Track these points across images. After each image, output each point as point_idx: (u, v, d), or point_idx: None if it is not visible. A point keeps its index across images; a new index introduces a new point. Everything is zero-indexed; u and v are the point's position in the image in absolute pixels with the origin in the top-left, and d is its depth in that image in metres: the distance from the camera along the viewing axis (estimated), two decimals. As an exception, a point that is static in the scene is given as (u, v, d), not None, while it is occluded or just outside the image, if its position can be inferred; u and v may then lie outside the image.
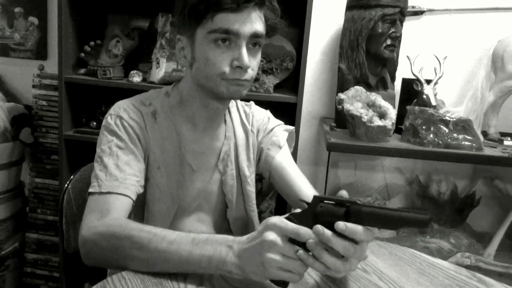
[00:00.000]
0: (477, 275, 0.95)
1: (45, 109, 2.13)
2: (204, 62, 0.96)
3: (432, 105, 1.76)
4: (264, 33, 0.97)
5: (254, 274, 0.74)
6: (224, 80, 0.95)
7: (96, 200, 0.92)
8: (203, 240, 0.78)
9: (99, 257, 0.86)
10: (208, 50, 0.94)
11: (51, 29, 2.21)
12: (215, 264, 0.76)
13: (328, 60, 2.12)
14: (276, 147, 1.16)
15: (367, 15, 1.77)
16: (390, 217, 0.68)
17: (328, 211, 0.73)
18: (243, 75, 0.95)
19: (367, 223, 0.70)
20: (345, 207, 0.71)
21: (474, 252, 1.88)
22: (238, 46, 0.93)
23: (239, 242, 0.76)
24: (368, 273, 0.90)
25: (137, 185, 0.97)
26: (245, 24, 0.92)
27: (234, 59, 0.94)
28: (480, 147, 1.68)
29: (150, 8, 2.02)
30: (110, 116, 1.02)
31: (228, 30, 0.91)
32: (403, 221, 0.68)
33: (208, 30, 0.93)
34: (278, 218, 0.73)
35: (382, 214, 0.69)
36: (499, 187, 2.07)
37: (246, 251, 0.74)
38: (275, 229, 0.72)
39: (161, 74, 1.88)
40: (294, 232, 0.71)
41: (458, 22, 2.04)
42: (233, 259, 0.75)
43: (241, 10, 0.91)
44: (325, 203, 0.74)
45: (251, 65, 0.96)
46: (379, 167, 2.19)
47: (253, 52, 0.97)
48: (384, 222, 0.71)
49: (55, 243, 2.22)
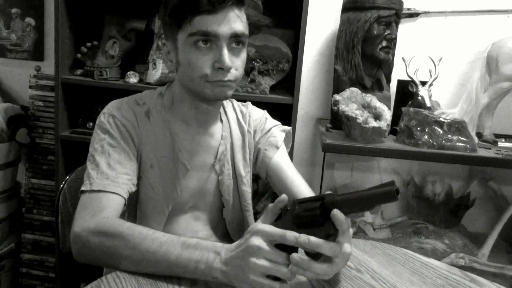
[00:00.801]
0: (470, 275, 0.96)
1: (41, 110, 2.13)
2: (187, 66, 0.96)
3: (427, 106, 1.77)
4: (245, 32, 0.97)
5: (238, 280, 0.74)
6: (208, 82, 0.96)
7: (88, 198, 0.92)
8: (193, 245, 0.79)
9: (90, 255, 0.87)
10: (189, 53, 0.95)
11: (48, 30, 2.22)
12: (202, 269, 0.77)
13: (324, 61, 2.13)
14: (274, 147, 1.16)
15: (362, 17, 1.78)
16: (360, 198, 0.70)
17: (305, 208, 0.74)
18: (225, 76, 0.96)
19: (343, 210, 0.71)
20: (320, 200, 0.73)
21: (469, 253, 1.90)
22: (218, 47, 0.94)
23: (227, 249, 0.77)
24: (361, 273, 0.91)
25: (129, 184, 0.97)
26: (223, 25, 0.92)
27: (216, 60, 0.94)
28: (474, 148, 1.69)
29: (146, 10, 2.02)
30: (103, 114, 1.03)
31: (206, 32, 0.92)
32: (372, 198, 0.69)
33: (188, 34, 0.93)
34: (263, 224, 0.74)
35: (352, 198, 0.71)
36: (493, 188, 2.08)
37: (232, 258, 0.75)
38: (261, 234, 0.73)
39: (158, 75, 1.89)
40: (280, 236, 0.71)
41: (453, 24, 2.06)
42: (220, 265, 0.76)
43: (218, 11, 0.91)
44: (302, 204, 0.75)
45: (234, 65, 0.96)
46: (375, 168, 2.21)
47: (236, 52, 0.97)
48: (357, 205, 0.72)
49: (51, 243, 2.22)
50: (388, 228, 2.02)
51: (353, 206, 0.72)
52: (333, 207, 0.71)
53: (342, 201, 0.71)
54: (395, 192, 0.65)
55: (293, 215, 0.75)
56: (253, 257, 0.72)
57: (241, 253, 0.73)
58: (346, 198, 0.71)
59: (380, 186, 0.68)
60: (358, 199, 0.70)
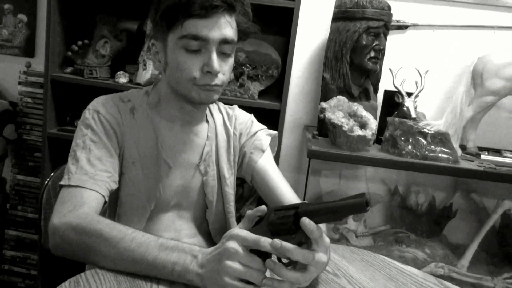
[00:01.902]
0: (444, 282, 0.97)
1: (30, 106, 2.13)
2: (176, 68, 0.98)
3: (412, 117, 1.80)
4: (234, 38, 0.99)
5: (212, 283, 0.74)
6: (195, 86, 0.98)
7: (67, 192, 0.93)
8: (171, 247, 0.80)
9: (67, 249, 0.87)
10: (179, 55, 0.96)
11: (39, 27, 2.22)
12: (178, 272, 0.77)
13: (313, 69, 2.15)
14: (259, 151, 1.17)
15: (352, 27, 1.81)
16: (331, 209, 0.72)
17: (279, 216, 0.76)
18: (213, 80, 0.98)
19: (316, 220, 0.73)
20: (295, 209, 0.75)
21: (449, 263, 1.92)
22: (208, 52, 0.96)
23: (204, 252, 0.78)
24: (338, 277, 0.92)
25: (109, 181, 0.98)
26: (214, 30, 0.94)
27: (204, 64, 0.96)
28: (456, 160, 1.72)
29: (139, 11, 2.04)
30: (88, 110, 1.04)
31: (197, 36, 0.94)
32: (343, 209, 0.71)
33: (179, 36, 0.95)
34: (240, 229, 0.76)
35: (324, 208, 0.73)
36: (475, 200, 2.12)
37: (208, 261, 0.76)
38: (237, 238, 0.74)
39: (148, 76, 1.90)
40: (255, 241, 0.73)
41: (440, 38, 2.10)
42: (196, 268, 0.76)
43: (210, 16, 0.93)
44: (277, 211, 0.77)
45: (222, 69, 0.98)
46: (362, 176, 2.23)
47: (225, 57, 0.99)
48: (329, 215, 0.74)
49: (34, 240, 2.21)
50: (370, 236, 2.04)
51: (325, 216, 0.74)
52: (306, 215, 0.73)
53: (315, 210, 0.73)
54: (365, 204, 0.67)
55: (268, 223, 0.77)
56: (228, 260, 0.73)
57: (217, 256, 0.75)
58: (318, 208, 0.73)
59: (351, 197, 0.71)
60: (330, 209, 0.73)
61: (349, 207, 0.70)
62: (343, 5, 1.84)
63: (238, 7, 0.98)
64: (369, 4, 1.78)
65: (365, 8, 1.79)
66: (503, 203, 1.95)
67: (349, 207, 0.70)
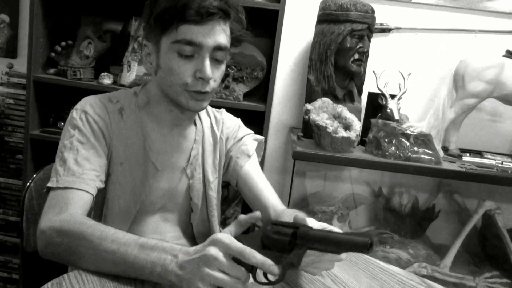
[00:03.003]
0: (427, 281, 0.99)
1: (12, 108, 2.10)
2: (168, 71, 0.98)
3: (395, 119, 1.82)
4: (228, 45, 0.99)
5: (189, 286, 0.73)
6: (186, 91, 0.98)
7: (55, 195, 0.92)
8: (151, 246, 0.78)
9: (53, 253, 0.86)
10: (172, 60, 0.96)
11: (22, 27, 2.19)
12: (158, 272, 0.76)
13: (298, 71, 2.17)
14: (245, 156, 1.18)
15: (336, 30, 1.82)
16: (333, 240, 0.69)
17: (276, 230, 0.73)
18: (205, 87, 0.98)
19: (312, 245, 0.71)
20: (294, 229, 0.72)
21: (431, 263, 1.95)
22: (201, 58, 0.96)
23: (184, 252, 0.76)
24: (323, 277, 0.93)
25: (97, 180, 0.97)
26: (209, 36, 0.94)
27: (197, 70, 0.96)
28: (438, 161, 1.75)
29: (123, 12, 2.03)
30: (75, 110, 1.03)
31: (191, 41, 0.94)
32: (345, 244, 0.68)
33: (172, 40, 0.95)
34: (225, 235, 0.73)
35: (325, 237, 0.70)
36: (457, 201, 2.15)
37: (188, 263, 0.74)
38: (219, 244, 0.72)
39: (132, 77, 1.89)
40: (239, 251, 0.70)
41: (423, 41, 2.13)
42: (175, 269, 0.74)
43: (205, 23, 0.93)
44: (274, 226, 0.74)
45: (214, 76, 0.99)
46: (347, 178, 2.25)
47: (217, 64, 0.99)
48: (328, 245, 0.71)
49: (16, 244, 2.17)
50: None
51: (323, 245, 0.70)
52: (303, 239, 0.71)
53: (315, 237, 0.70)
54: (369, 246, 0.65)
55: (262, 234, 0.75)
56: (207, 266, 0.71)
57: (197, 260, 0.72)
58: (320, 236, 0.70)
59: (356, 234, 0.69)
60: (331, 240, 0.69)
61: (351, 244, 0.67)
62: (328, 8, 1.85)
63: (233, 14, 0.98)
64: (353, 7, 1.80)
65: (349, 11, 1.81)
66: (484, 204, 1.98)
67: (352, 244, 0.67)
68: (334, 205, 2.03)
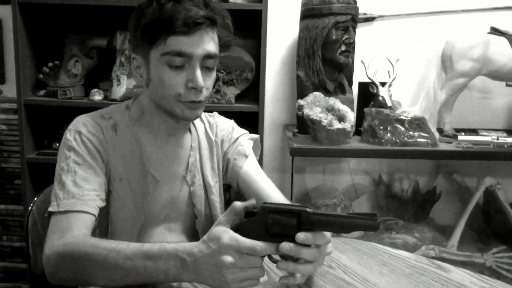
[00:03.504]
0: (436, 262, 1.00)
1: (5, 133, 2.10)
2: (160, 83, 0.98)
3: (388, 106, 1.84)
4: (217, 52, 1.00)
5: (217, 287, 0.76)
6: (179, 102, 0.98)
7: (56, 219, 0.92)
8: (156, 254, 0.79)
9: (62, 277, 0.86)
10: (162, 71, 0.96)
11: (7, 52, 2.18)
12: (173, 277, 0.78)
13: (287, 68, 2.17)
14: (242, 156, 1.18)
15: (320, 24, 1.83)
16: (340, 223, 0.73)
17: (279, 222, 0.75)
18: (198, 96, 0.98)
19: (319, 229, 0.74)
20: (296, 217, 0.74)
21: (438, 244, 1.96)
22: (192, 68, 0.96)
23: (189, 253, 0.76)
24: (333, 268, 0.94)
25: (97, 199, 0.97)
26: (197, 46, 0.95)
27: (189, 80, 0.96)
28: (435, 143, 1.76)
29: (107, 27, 2.03)
30: (69, 131, 1.03)
31: (180, 52, 0.94)
32: (353, 226, 0.73)
33: (162, 52, 0.95)
34: (228, 237, 0.74)
35: (332, 221, 0.73)
36: (457, 181, 2.17)
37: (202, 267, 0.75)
38: (231, 249, 0.73)
39: (123, 91, 1.89)
40: (251, 250, 0.73)
41: (408, 26, 2.14)
42: (190, 272, 0.76)
43: (193, 33, 0.93)
44: (275, 214, 0.76)
45: (206, 84, 0.99)
46: (346, 170, 2.26)
47: (208, 72, 1.00)
48: (335, 228, 0.75)
49: (23, 269, 2.17)
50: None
51: (329, 227, 0.74)
52: (309, 225, 0.73)
53: (319, 221, 0.73)
54: (378, 225, 0.70)
55: (266, 224, 0.75)
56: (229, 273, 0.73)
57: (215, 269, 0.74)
58: (324, 219, 0.73)
59: (362, 215, 0.72)
60: (337, 223, 0.73)
61: (360, 226, 0.72)
62: (310, 3, 1.86)
63: (219, 21, 0.99)
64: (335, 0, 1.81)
65: (331, 4, 1.82)
66: (484, 180, 1.99)
67: (361, 225, 0.72)
68: (336, 197, 2.04)
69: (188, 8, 0.93)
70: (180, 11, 0.92)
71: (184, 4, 0.93)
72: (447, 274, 0.94)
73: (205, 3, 0.96)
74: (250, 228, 0.76)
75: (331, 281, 0.88)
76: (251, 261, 0.74)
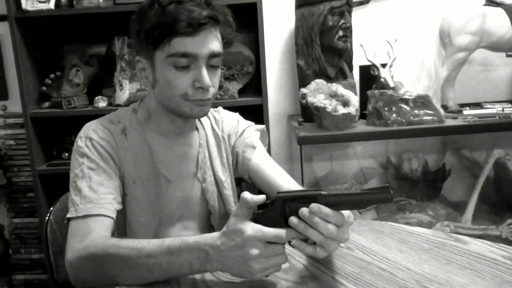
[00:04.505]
0: (453, 235, 1.00)
1: (14, 148, 2.11)
2: (166, 85, 0.98)
3: (390, 87, 1.83)
4: (221, 51, 1.00)
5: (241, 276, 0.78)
6: (187, 101, 0.99)
7: (75, 224, 0.93)
8: (178, 248, 0.80)
9: (87, 279, 0.87)
10: (168, 73, 0.97)
11: (8, 68, 2.20)
12: (197, 269, 0.80)
13: (287, 59, 2.18)
14: (250, 148, 1.18)
15: (316, 11, 1.83)
16: (355, 200, 0.76)
17: (297, 209, 0.76)
18: (205, 95, 0.99)
19: (336, 209, 0.75)
20: (312, 201, 0.75)
21: (453, 220, 1.97)
22: (197, 67, 0.97)
23: (212, 246, 0.77)
24: (351, 250, 0.94)
25: (114, 202, 0.98)
26: (202, 46, 0.95)
27: (195, 80, 0.97)
28: (441, 119, 1.76)
29: (105, 33, 2.04)
30: (80, 138, 1.04)
31: (186, 53, 0.94)
32: (368, 201, 0.76)
33: (167, 54, 0.95)
34: (252, 228, 0.75)
35: (348, 199, 0.76)
36: (466, 156, 2.16)
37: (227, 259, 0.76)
38: (256, 240, 0.74)
39: (126, 96, 1.90)
40: (277, 238, 0.75)
41: (403, 6, 2.13)
42: (214, 263, 0.77)
43: (197, 33, 0.94)
44: (291, 202, 0.77)
45: (212, 82, 0.99)
46: (352, 155, 2.26)
47: (213, 70, 1.00)
48: (351, 206, 0.78)
49: (43, 280, 2.19)
50: (373, 209, 2.07)
51: (346, 206, 0.77)
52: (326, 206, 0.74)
53: (336, 202, 0.75)
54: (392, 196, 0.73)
55: (284, 213, 0.77)
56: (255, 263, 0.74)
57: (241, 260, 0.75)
58: (340, 200, 0.75)
59: (375, 189, 0.74)
60: (352, 201, 0.76)
61: (375, 200, 0.77)
62: (304, -9, 1.86)
63: (222, 19, 0.99)
64: (328, -15, 1.81)
65: (325, -10, 1.81)
66: (492, 153, 1.99)
67: (375, 200, 0.76)
68: (346, 182, 2.04)
69: (190, 8, 0.93)
70: (183, 12, 0.92)
71: (186, 5, 0.93)
72: (465, 246, 0.94)
73: (207, 2, 0.96)
74: (267, 219, 0.77)
75: (351, 262, 0.89)
76: (275, 249, 0.75)
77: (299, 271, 0.86)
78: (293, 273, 0.85)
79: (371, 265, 0.87)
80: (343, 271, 0.85)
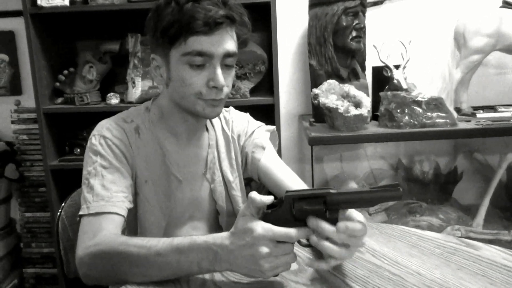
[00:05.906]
0: (465, 240, 0.99)
1: (27, 143, 2.13)
2: (180, 83, 0.98)
3: (403, 88, 1.82)
4: (236, 50, 1.00)
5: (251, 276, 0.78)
6: (200, 100, 0.99)
7: (87, 221, 0.94)
8: (187, 248, 0.80)
9: (97, 276, 0.88)
10: (183, 71, 0.97)
11: (22, 63, 2.22)
12: (206, 268, 0.80)
13: (299, 58, 2.17)
14: (260, 148, 1.18)
15: (329, 11, 1.82)
16: (365, 198, 0.75)
17: (308, 211, 0.76)
18: (219, 95, 0.99)
19: (345, 207, 0.76)
20: (322, 200, 0.75)
21: (464, 224, 1.95)
22: (212, 67, 0.97)
23: (221, 246, 0.78)
24: (362, 253, 0.94)
25: (126, 201, 0.98)
26: (218, 45, 0.95)
27: (210, 79, 0.97)
28: (454, 122, 1.74)
29: (118, 30, 2.05)
30: (94, 136, 1.04)
31: (201, 52, 0.95)
32: (377, 199, 0.76)
33: (182, 53, 0.96)
34: (262, 227, 0.75)
35: (357, 197, 0.76)
36: (478, 159, 2.14)
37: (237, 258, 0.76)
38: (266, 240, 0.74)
39: (138, 93, 1.91)
40: (287, 237, 0.75)
41: (418, 7, 2.11)
42: (223, 263, 0.78)
43: (213, 32, 0.94)
44: (300, 202, 0.77)
45: (226, 82, 1.00)
46: (363, 156, 2.25)
47: (228, 70, 1.00)
48: (360, 203, 0.79)
49: (53, 275, 2.21)
50: (383, 211, 2.06)
51: (355, 204, 0.77)
52: (336, 205, 0.75)
53: (345, 200, 0.75)
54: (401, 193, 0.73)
55: (293, 213, 0.77)
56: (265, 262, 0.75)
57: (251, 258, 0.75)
58: (349, 198, 0.75)
59: (384, 187, 0.74)
60: (362, 199, 0.75)
61: (384, 198, 0.77)
62: (318, -9, 1.86)
63: (237, 18, 0.99)
64: (343, -15, 1.80)
65: (339, -10, 1.81)
66: (506, 157, 1.97)
67: (385, 197, 0.76)
68: (357, 183, 2.03)
69: (207, 7, 0.93)
70: (200, 11, 0.92)
71: (203, 4, 0.93)
72: (477, 252, 0.93)
73: (224, 2, 0.96)
74: (276, 218, 0.77)
75: (361, 266, 0.88)
76: (285, 248, 0.75)
77: (309, 273, 0.86)
78: (303, 275, 0.85)
79: (382, 269, 0.87)
80: (353, 274, 0.85)
